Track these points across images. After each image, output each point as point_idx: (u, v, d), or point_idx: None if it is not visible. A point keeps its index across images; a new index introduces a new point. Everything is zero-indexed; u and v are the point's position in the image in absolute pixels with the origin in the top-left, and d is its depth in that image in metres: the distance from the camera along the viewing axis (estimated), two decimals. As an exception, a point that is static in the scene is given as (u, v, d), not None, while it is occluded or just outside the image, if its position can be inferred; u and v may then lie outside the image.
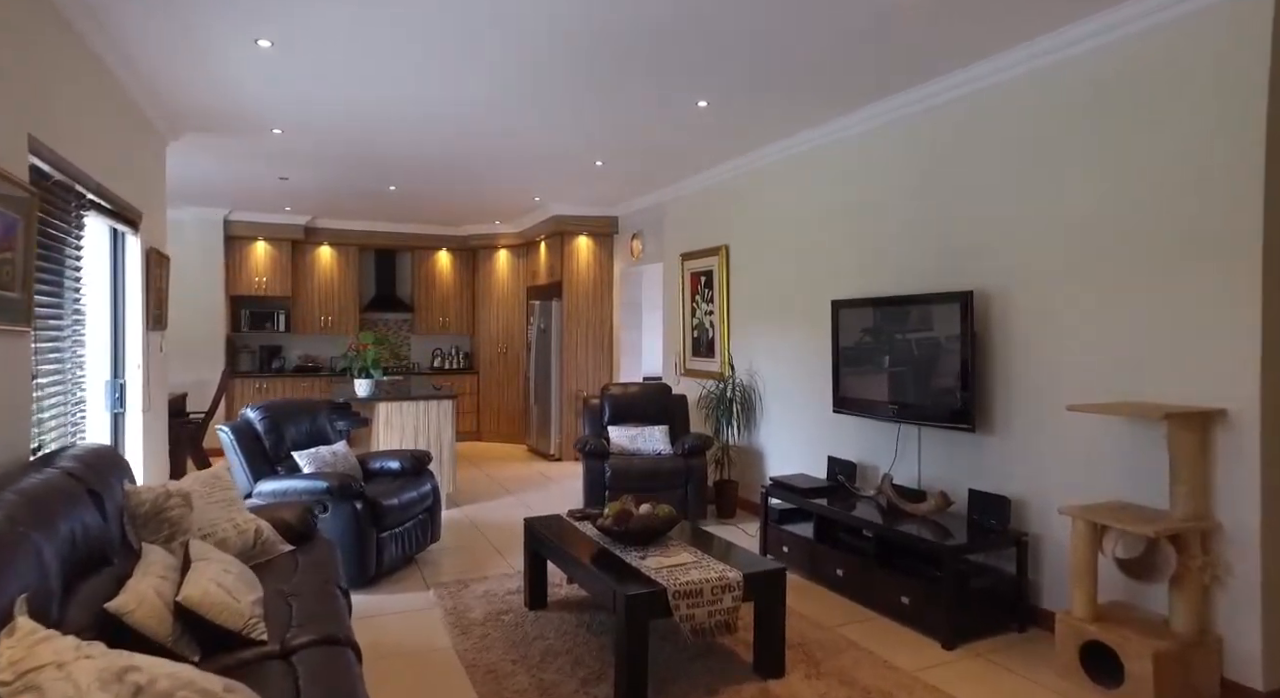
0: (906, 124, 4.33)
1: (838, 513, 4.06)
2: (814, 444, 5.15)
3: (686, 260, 6.87)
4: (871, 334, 4.37)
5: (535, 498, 6.48)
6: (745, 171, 5.95)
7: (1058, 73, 3.43)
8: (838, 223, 4.92)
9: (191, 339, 8.50)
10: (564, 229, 8.23)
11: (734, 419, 5.86)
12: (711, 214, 6.50)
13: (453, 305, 9.97)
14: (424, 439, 5.96)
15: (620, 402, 6.09)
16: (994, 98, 3.76)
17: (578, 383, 8.36)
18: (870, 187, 4.62)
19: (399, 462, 4.78)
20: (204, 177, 6.72)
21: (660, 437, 5.81)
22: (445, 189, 7.26)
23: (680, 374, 7.02)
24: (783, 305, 5.52)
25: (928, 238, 4.18)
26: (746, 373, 5.95)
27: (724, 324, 6.26)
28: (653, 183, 6.97)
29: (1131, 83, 3.11)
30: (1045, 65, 3.48)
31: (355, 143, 5.46)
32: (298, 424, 4.60)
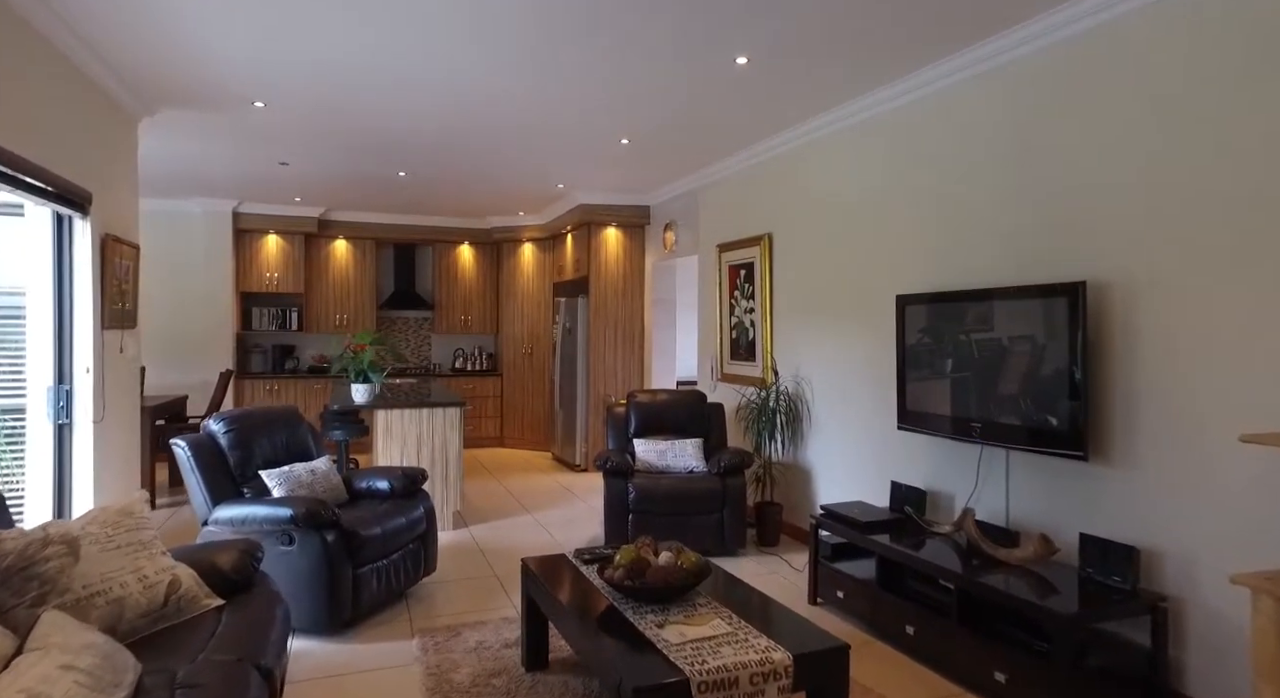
0: (998, 77, 3.54)
1: (907, 555, 3.29)
2: (873, 466, 4.38)
3: (724, 252, 6.14)
4: (946, 336, 3.60)
5: (554, 517, 5.80)
6: (791, 148, 5.19)
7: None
8: (904, 203, 4.14)
9: (198, 338, 8.04)
10: (591, 219, 7.56)
11: (777, 433, 5.11)
12: (751, 199, 5.76)
13: (475, 303, 9.37)
14: (427, 450, 5.33)
15: (648, 411, 5.39)
16: (1120, 34, 2.96)
17: (605, 387, 7.68)
18: (947, 157, 3.84)
19: (389, 481, 4.14)
20: (201, 163, 6.20)
21: (693, 452, 5.09)
22: (459, 176, 6.63)
23: (716, 380, 6.29)
24: (835, 302, 4.75)
25: (1021, 216, 3.39)
26: (792, 379, 5.19)
27: (766, 323, 5.51)
28: (685, 165, 6.25)
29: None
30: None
31: (348, 119, 4.85)
32: (272, 437, 3.99)
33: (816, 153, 4.94)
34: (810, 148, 4.99)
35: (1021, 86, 3.39)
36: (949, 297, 3.59)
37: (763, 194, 5.61)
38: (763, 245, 5.53)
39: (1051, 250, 3.22)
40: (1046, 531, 3.18)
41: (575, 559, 3.15)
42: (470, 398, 9.11)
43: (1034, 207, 3.32)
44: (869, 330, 4.42)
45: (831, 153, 4.78)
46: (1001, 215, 3.49)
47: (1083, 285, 2.89)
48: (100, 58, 3.78)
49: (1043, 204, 3.27)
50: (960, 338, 3.51)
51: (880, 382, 4.30)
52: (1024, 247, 3.37)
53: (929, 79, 3.88)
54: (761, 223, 5.62)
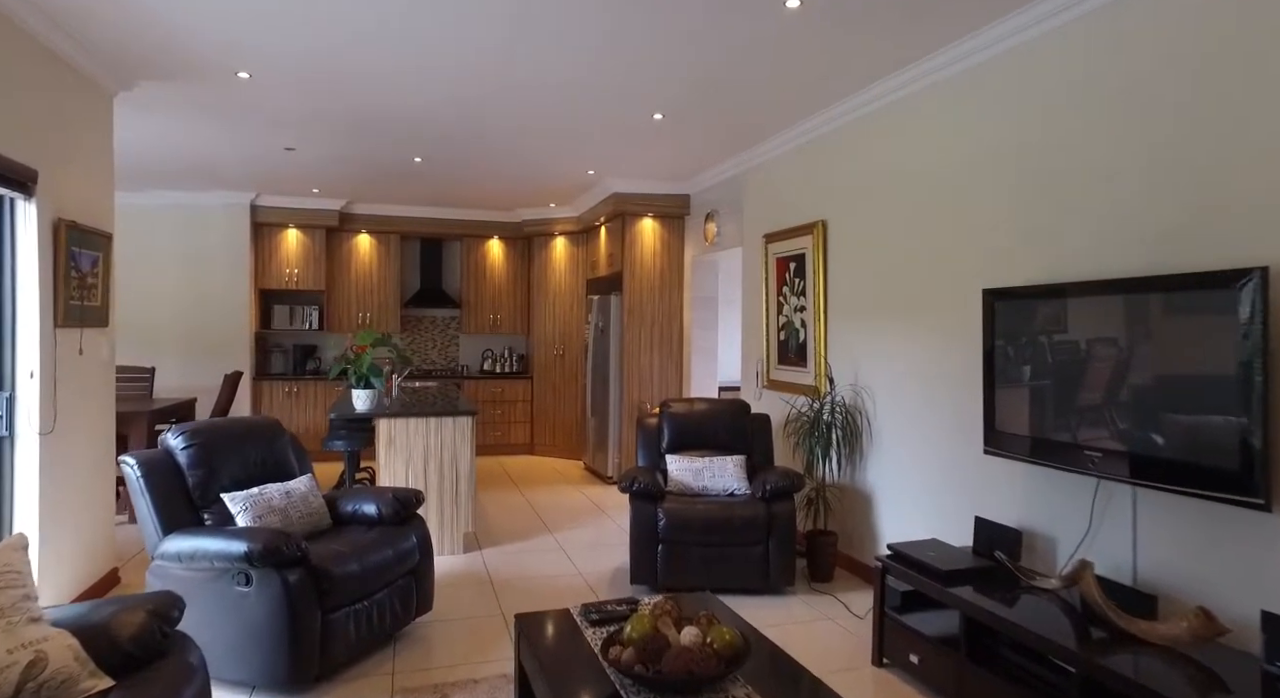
0: (1135, 11, 2.79)
1: (1004, 620, 2.57)
2: (950, 495, 3.65)
3: (771, 243, 5.44)
4: (1049, 338, 2.86)
5: (579, 539, 5.18)
6: (850, 119, 4.48)
7: None
8: (994, 179, 3.41)
9: (215, 337, 7.66)
10: (626, 210, 6.93)
11: (833, 450, 4.40)
12: (803, 181, 5.05)
13: (505, 301, 8.83)
14: (435, 463, 4.76)
15: (684, 423, 4.73)
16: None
17: (640, 393, 7.04)
18: (1059, 116, 3.10)
19: (377, 505, 3.57)
20: (207, 151, 5.75)
21: (733, 471, 4.42)
22: (480, 161, 6.06)
23: (762, 387, 5.59)
24: (901, 298, 4.03)
25: (1160, 190, 2.64)
26: (850, 389, 4.48)
27: (819, 323, 4.80)
28: (727, 146, 5.57)
29: None
30: None
31: (347, 95, 4.30)
32: (243, 453, 3.45)
33: (880, 124, 4.22)
34: (873, 119, 4.28)
35: (1161, 26, 2.64)
36: (1054, 291, 2.85)
37: (815, 176, 4.90)
38: (815, 234, 4.82)
39: (1206, 230, 2.47)
40: (1200, 599, 2.43)
41: (581, 618, 2.51)
42: (499, 402, 8.57)
43: (1181, 178, 2.57)
44: (944, 332, 3.69)
45: (900, 123, 4.06)
46: (1137, 185, 2.75)
47: (1263, 272, 2.14)
48: (50, 18, 3.28)
49: (1198, 174, 2.52)
50: (1068, 342, 2.78)
51: (959, 394, 3.57)
52: (1165, 225, 2.62)
53: (1028, 23, 3.14)
54: (814, 209, 4.91)
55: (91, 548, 3.86)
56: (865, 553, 4.33)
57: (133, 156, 6.01)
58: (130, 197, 7.59)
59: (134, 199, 7.62)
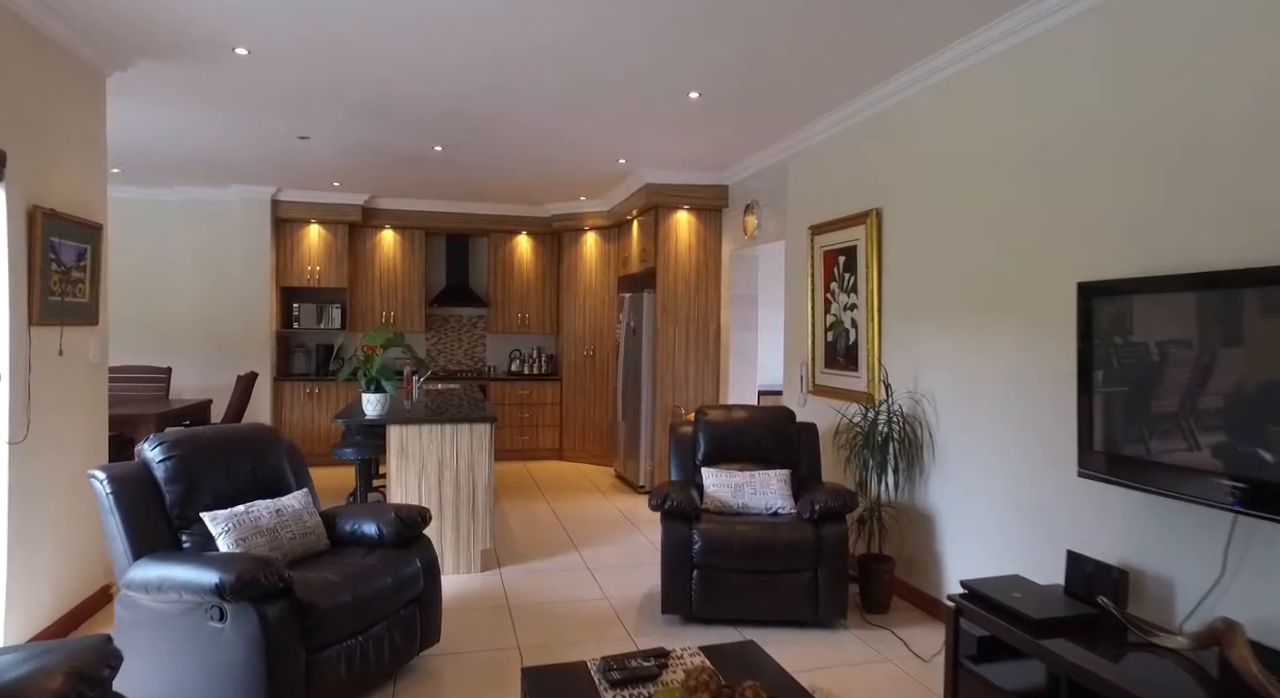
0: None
1: (1112, 682, 2.09)
2: (1033, 523, 3.15)
3: (817, 235, 4.97)
4: (1165, 340, 2.37)
5: (607, 557, 4.77)
6: (911, 94, 4.00)
7: None
8: (1091, 156, 2.91)
9: (236, 336, 7.41)
10: (659, 202, 6.50)
11: (889, 464, 3.92)
12: (855, 167, 4.58)
13: (533, 299, 8.46)
14: (450, 474, 4.39)
15: (722, 432, 4.29)
16: None
17: (673, 397, 6.61)
18: (1173, 78, 2.60)
19: (378, 525, 3.19)
20: (219, 142, 5.46)
21: (777, 487, 3.96)
22: (504, 149, 5.69)
23: (807, 392, 5.13)
24: (970, 294, 3.54)
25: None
26: (908, 397, 4.00)
27: (873, 323, 4.32)
28: (770, 130, 5.11)
29: None
30: None
31: (354, 75, 3.94)
32: (230, 467, 3.10)
33: (947, 98, 3.73)
34: (938, 92, 3.79)
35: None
36: (1172, 283, 2.36)
37: (869, 160, 4.42)
38: (869, 224, 4.34)
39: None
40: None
41: (599, 676, 2.09)
42: (527, 405, 8.21)
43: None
44: (1023, 333, 3.20)
45: (971, 95, 3.57)
46: (1269, 163, 2.24)
47: None
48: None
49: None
50: (1193, 344, 2.28)
51: (1043, 406, 3.07)
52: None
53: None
54: (867, 196, 4.43)
55: (76, 566, 3.55)
56: (926, 581, 3.85)
57: (149, 150, 5.76)
58: (149, 192, 7.39)
59: (152, 194, 7.41)
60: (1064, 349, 2.93)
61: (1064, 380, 2.92)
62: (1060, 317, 2.97)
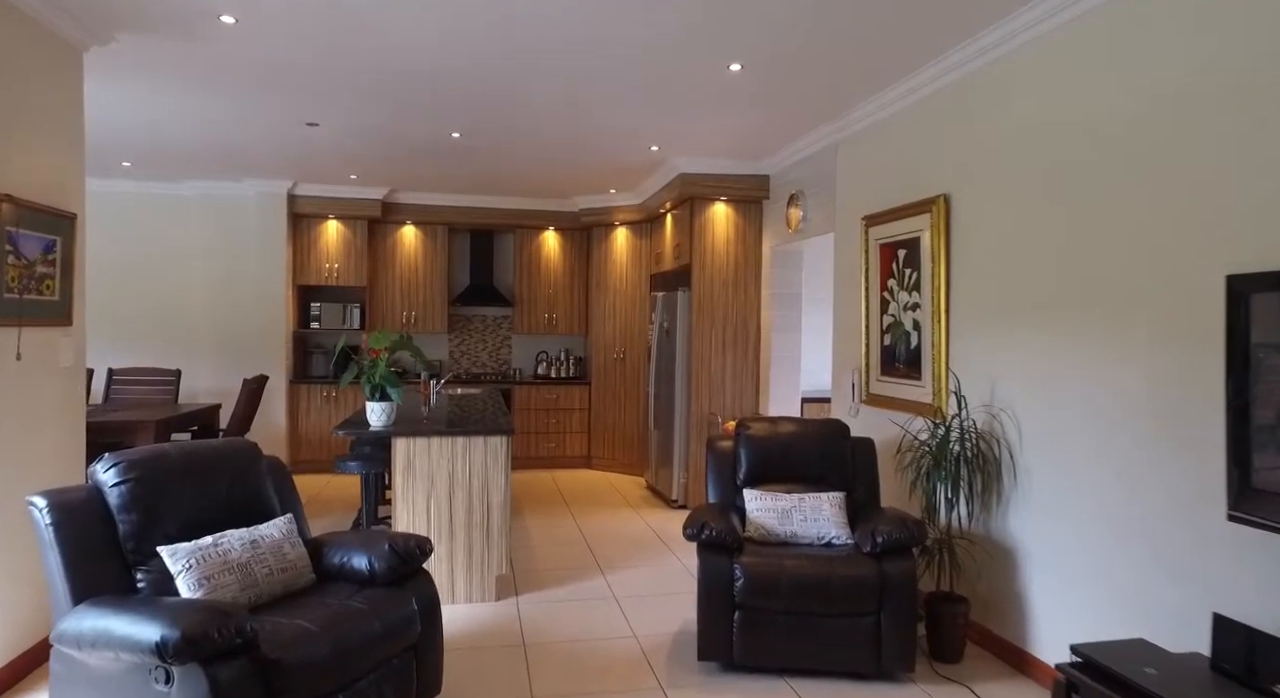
0: None
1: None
2: (1159, 572, 2.60)
3: (872, 227, 4.45)
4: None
5: (637, 584, 4.30)
6: (983, 63, 3.46)
7: None
8: (1243, 122, 2.36)
9: (251, 337, 7.09)
10: (695, 194, 6.01)
11: (960, 487, 3.39)
12: (917, 148, 4.04)
13: (561, 299, 8.02)
14: (463, 492, 3.95)
15: (766, 448, 3.79)
16: None
17: (709, 403, 6.12)
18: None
19: (369, 559, 2.75)
20: (223, 129, 5.10)
21: (830, 514, 3.45)
22: (527, 138, 5.25)
23: (859, 402, 4.60)
24: (1063, 291, 3.00)
25: None
26: (983, 410, 3.46)
27: (938, 325, 3.79)
28: (819, 110, 4.59)
29: None
30: None
31: (355, 48, 3.53)
32: (199, 490, 2.68)
33: (1033, 62, 3.19)
34: (1020, 57, 3.25)
35: None
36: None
37: (934, 140, 3.89)
38: (935, 213, 3.81)
39: None
40: None
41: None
42: (554, 411, 7.77)
43: None
44: (1138, 337, 2.65)
45: (1064, 55, 3.03)
46: None
47: None
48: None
49: None
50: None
51: (1171, 427, 2.52)
52: None
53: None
54: (932, 181, 3.90)
55: (27, 608, 3.12)
56: (1006, 626, 3.31)
57: (156, 141, 5.44)
58: (162, 186, 7.10)
59: (166, 189, 7.12)
60: (1201, 358, 2.38)
61: (1202, 397, 2.38)
62: (1192, 317, 2.42)
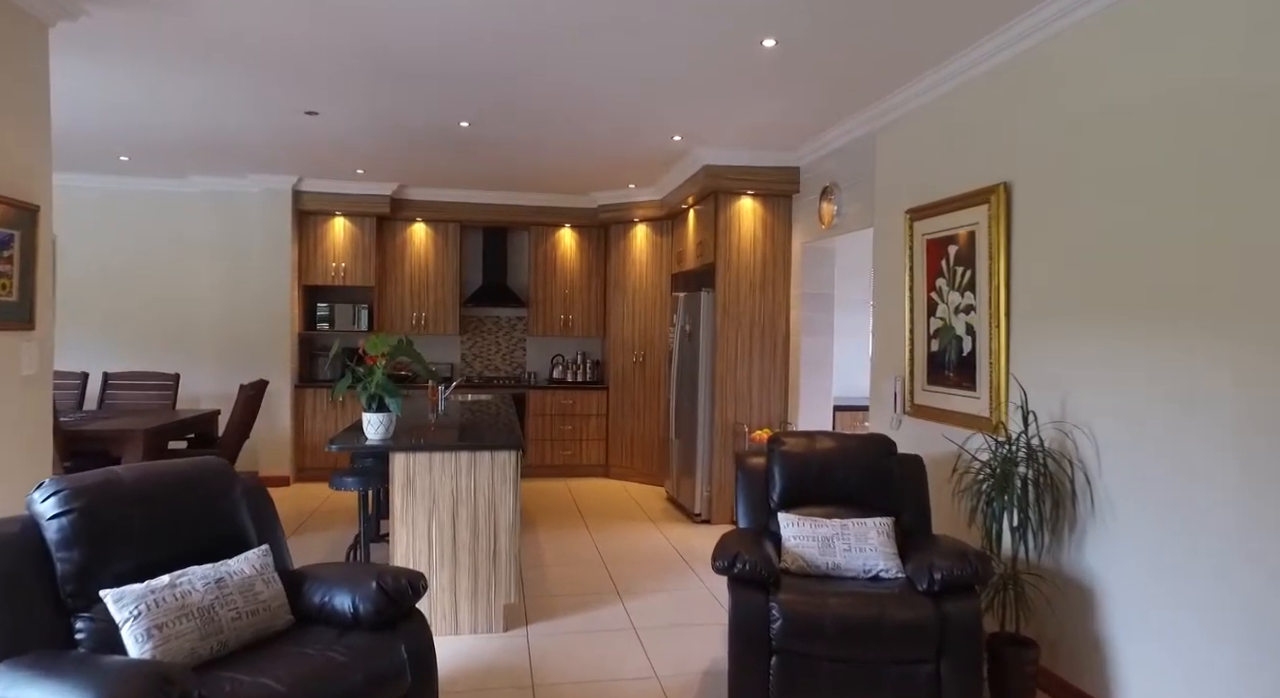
0: None
1: None
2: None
3: (917, 220, 4.04)
4: None
5: (658, 612, 3.92)
6: (1052, 33, 3.04)
7: None
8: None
9: (255, 339, 6.80)
10: (720, 187, 5.63)
11: (1027, 514, 2.97)
12: (971, 132, 3.63)
13: (577, 299, 7.66)
14: (467, 513, 3.59)
15: (802, 466, 3.40)
16: None
17: (736, 412, 5.73)
18: None
19: (353, 599, 2.40)
20: (218, 120, 4.79)
21: (877, 542, 3.06)
22: (540, 127, 4.89)
23: (902, 413, 4.19)
24: (1157, 290, 2.58)
25: None
26: (1052, 427, 3.04)
27: (997, 328, 3.38)
28: (857, 95, 4.19)
29: None
30: None
31: (340, 20, 3.18)
32: (158, 520, 2.34)
33: (1116, 28, 2.77)
34: (1101, 22, 2.83)
35: None
36: None
37: (991, 122, 3.48)
38: (993, 203, 3.40)
39: None
40: None
41: None
42: (569, 416, 7.42)
43: None
44: (1264, 348, 2.24)
45: (1159, 20, 2.61)
46: None
47: None
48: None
49: None
50: None
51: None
52: None
53: None
54: (988, 168, 3.49)
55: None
56: (1081, 673, 2.90)
57: (149, 132, 5.14)
58: (162, 183, 6.82)
59: (166, 186, 6.85)
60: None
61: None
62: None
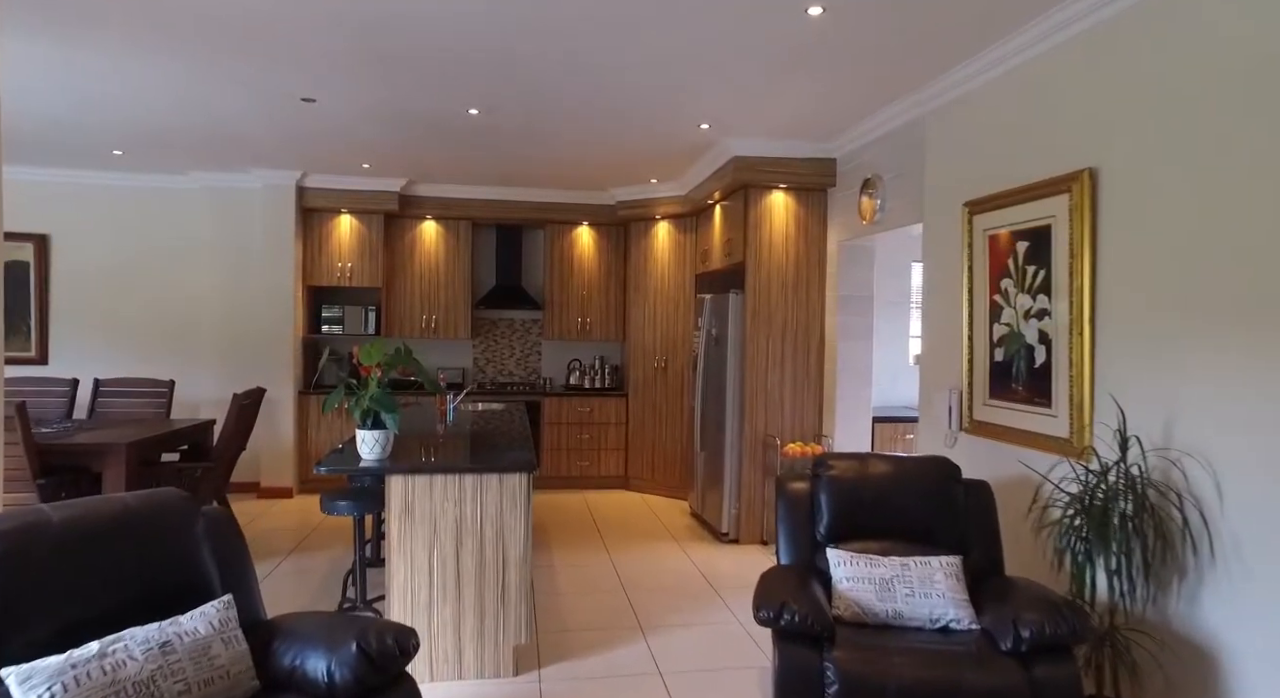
0: None
1: None
2: None
3: (978, 214, 3.60)
4: None
5: (684, 652, 3.49)
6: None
7: None
8: None
9: (257, 343, 6.45)
10: (750, 180, 5.20)
11: (1126, 556, 2.52)
12: (1043, 113, 3.18)
13: (595, 301, 7.25)
14: (473, 543, 3.19)
15: (853, 493, 2.97)
16: None
17: (767, 423, 5.30)
18: None
19: (329, 663, 2.00)
20: (204, 106, 4.43)
21: (946, 587, 2.62)
22: (556, 114, 4.48)
23: (958, 430, 3.74)
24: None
25: None
26: (1156, 453, 2.59)
27: (1080, 336, 2.93)
28: (906, 75, 3.75)
29: None
30: None
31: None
32: (90, 570, 1.95)
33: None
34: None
35: None
36: None
37: (1073, 99, 3.02)
38: (1076, 192, 2.95)
39: None
40: None
41: None
42: (587, 425, 7.01)
43: None
44: None
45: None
46: None
47: None
48: None
49: None
50: None
51: None
52: None
53: None
54: (1070, 152, 3.03)
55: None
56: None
57: (140, 123, 4.79)
58: (161, 178, 6.50)
59: (165, 182, 6.52)
60: None
61: None
62: None
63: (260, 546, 5.05)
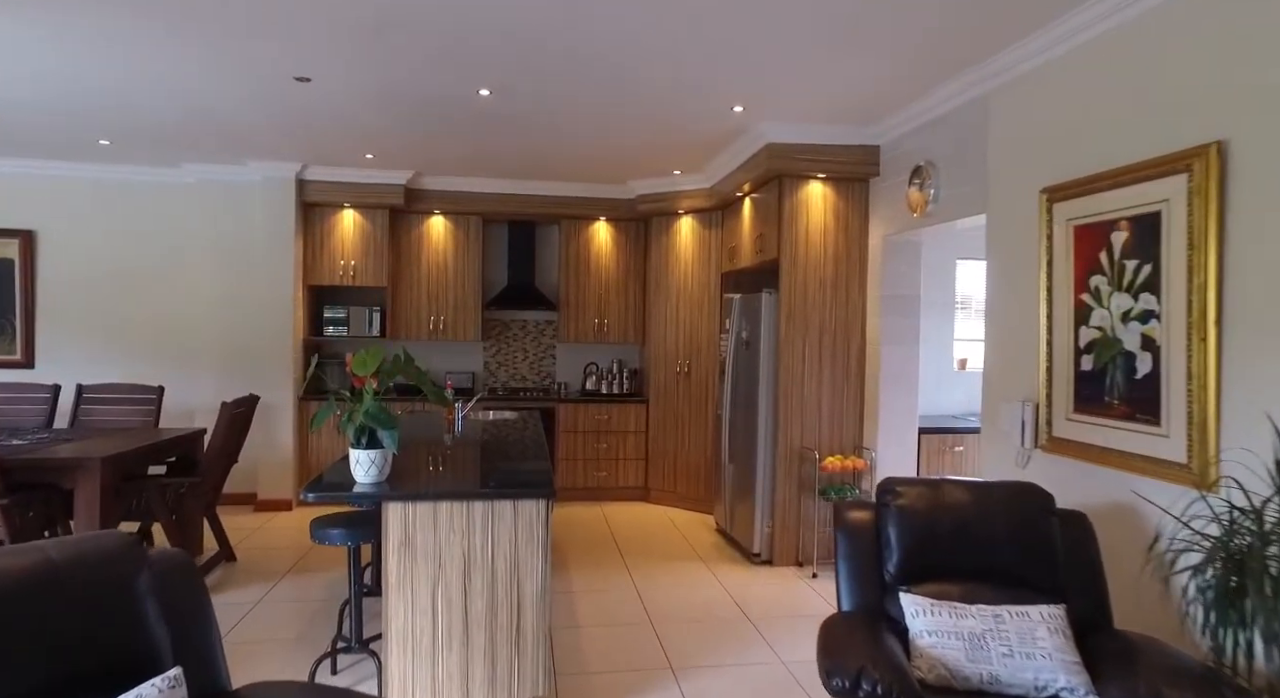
0: None
1: None
2: None
3: (1059, 202, 3.14)
4: None
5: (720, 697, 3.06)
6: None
7: None
8: None
9: (253, 346, 6.06)
10: (785, 170, 4.76)
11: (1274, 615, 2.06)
12: (1154, 79, 2.72)
13: (613, 301, 6.82)
14: (483, 579, 2.76)
15: (927, 526, 2.52)
16: None
17: (803, 434, 4.85)
18: None
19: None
20: (189, 86, 4.03)
21: (1051, 644, 2.17)
22: (573, 96, 4.05)
23: (1032, 447, 3.28)
24: None
25: None
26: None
27: (1202, 341, 2.47)
28: (969, 44, 3.29)
29: None
30: None
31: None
32: (15, 643, 1.54)
33: None
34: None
35: None
36: None
37: (1196, 58, 2.56)
38: (1198, 171, 2.49)
39: None
40: None
41: None
42: (605, 433, 6.58)
43: None
44: None
45: None
46: None
47: None
48: None
49: None
50: None
51: None
52: None
53: None
54: (1189, 125, 2.57)
55: None
56: None
57: (128, 109, 4.39)
58: (153, 171, 6.12)
59: (158, 175, 6.14)
60: None
61: None
62: None
63: (254, 566, 4.65)
